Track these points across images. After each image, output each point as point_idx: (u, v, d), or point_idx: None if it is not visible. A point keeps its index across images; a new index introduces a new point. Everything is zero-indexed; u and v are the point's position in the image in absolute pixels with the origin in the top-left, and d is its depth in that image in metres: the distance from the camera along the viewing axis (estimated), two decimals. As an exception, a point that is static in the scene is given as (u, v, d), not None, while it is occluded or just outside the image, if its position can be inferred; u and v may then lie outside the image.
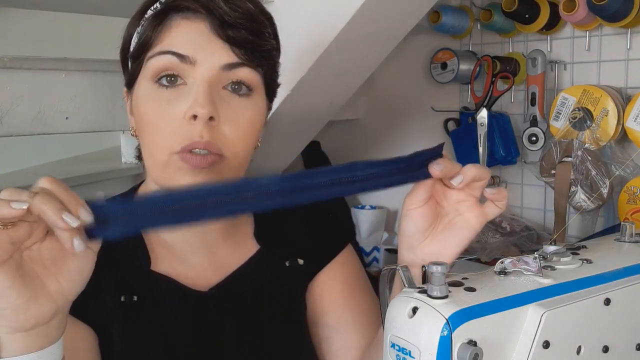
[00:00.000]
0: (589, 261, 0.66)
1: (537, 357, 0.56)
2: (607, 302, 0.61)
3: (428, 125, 1.57)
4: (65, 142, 1.57)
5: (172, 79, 0.71)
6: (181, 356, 0.75)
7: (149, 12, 0.74)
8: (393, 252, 1.59)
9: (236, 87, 0.72)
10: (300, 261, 0.86)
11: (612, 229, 1.17)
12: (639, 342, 0.66)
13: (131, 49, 0.76)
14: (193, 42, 0.71)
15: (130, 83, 0.77)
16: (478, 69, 1.39)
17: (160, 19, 0.72)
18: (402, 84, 1.62)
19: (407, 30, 1.12)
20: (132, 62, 0.76)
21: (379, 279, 0.66)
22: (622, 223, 0.77)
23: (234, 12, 0.71)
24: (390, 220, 1.68)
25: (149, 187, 0.80)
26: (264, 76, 0.75)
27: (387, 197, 1.69)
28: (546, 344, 0.57)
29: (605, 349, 0.62)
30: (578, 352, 0.60)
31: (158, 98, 0.71)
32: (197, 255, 0.80)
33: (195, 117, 0.68)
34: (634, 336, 0.65)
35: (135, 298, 0.74)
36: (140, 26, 0.75)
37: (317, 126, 1.31)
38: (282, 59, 0.84)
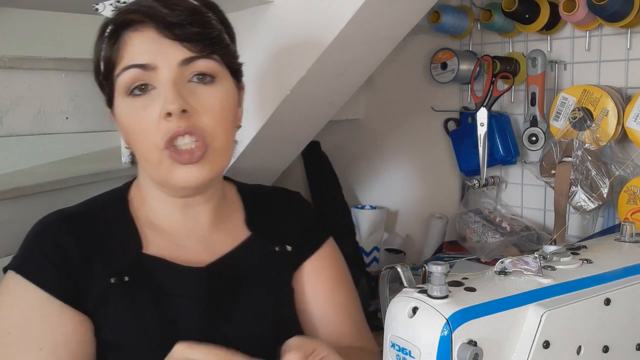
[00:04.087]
0: (589, 261, 0.66)
1: (537, 357, 0.56)
2: (607, 302, 0.61)
3: (428, 125, 1.57)
4: (65, 142, 1.56)
5: (143, 87, 0.77)
6: (176, 330, 0.78)
7: (105, 39, 0.79)
8: (393, 252, 1.59)
9: (200, 77, 0.78)
10: (289, 248, 0.92)
11: (612, 229, 1.17)
12: (639, 342, 0.66)
13: (101, 73, 0.81)
14: (148, 49, 0.76)
15: (110, 101, 0.82)
16: (478, 69, 1.39)
17: (116, 38, 0.78)
18: (402, 84, 1.62)
19: (407, 30, 1.12)
20: (105, 83, 0.81)
21: (379, 279, 0.66)
22: (622, 223, 0.77)
23: (173, 12, 0.76)
24: (390, 220, 1.68)
25: (143, 184, 0.85)
26: (223, 61, 0.80)
27: (387, 197, 1.69)
28: (546, 344, 0.57)
29: (605, 349, 0.62)
30: (578, 352, 0.60)
31: (134, 107, 0.77)
32: (190, 240, 0.85)
33: (169, 114, 0.74)
34: (634, 336, 0.65)
35: (126, 279, 0.78)
36: (103, 50, 0.80)
37: (317, 126, 1.31)
38: (281, 59, 0.84)
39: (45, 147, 1.49)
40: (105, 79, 0.80)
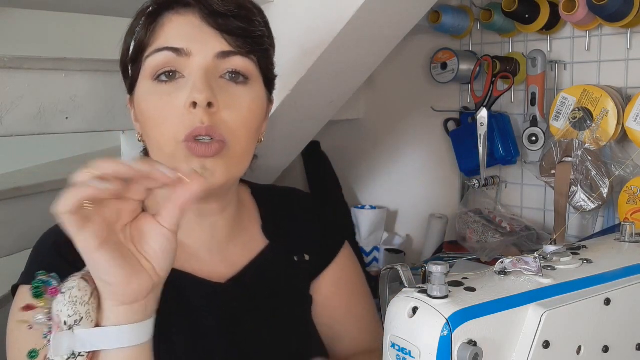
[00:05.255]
0: (589, 261, 0.66)
1: (537, 357, 0.56)
2: (607, 302, 0.61)
3: (428, 125, 1.57)
4: (65, 142, 1.56)
5: (171, 74, 0.73)
6: (204, 344, 0.77)
7: (142, 20, 0.76)
8: (393, 252, 1.59)
9: (233, 75, 0.74)
10: (307, 257, 0.89)
11: (612, 229, 1.17)
12: (639, 342, 0.66)
13: (129, 56, 0.78)
14: (186, 34, 0.73)
15: (131, 87, 0.78)
16: (478, 69, 1.39)
17: (153, 19, 0.75)
18: (402, 84, 1.62)
19: (407, 30, 1.12)
20: (131, 66, 0.78)
21: (378, 279, 0.66)
22: (622, 223, 0.77)
23: (222, 1, 0.73)
24: (390, 220, 1.68)
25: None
26: (259, 64, 0.77)
27: (387, 197, 1.69)
28: (546, 344, 0.57)
29: (605, 349, 0.62)
30: (578, 352, 0.60)
31: (159, 92, 0.73)
32: (208, 253, 0.82)
33: (194, 104, 0.70)
34: (634, 336, 0.65)
35: None
36: (136, 33, 0.77)
37: (317, 126, 1.31)
38: (282, 59, 0.84)
39: (45, 147, 1.49)
40: (132, 61, 0.77)
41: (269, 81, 0.81)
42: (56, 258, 0.73)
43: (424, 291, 0.56)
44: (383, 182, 1.70)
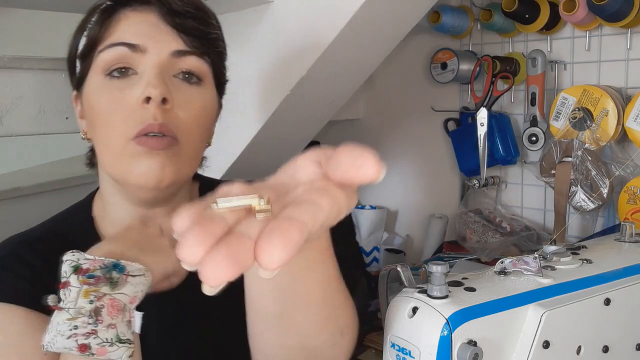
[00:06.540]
0: (589, 261, 0.66)
1: (537, 357, 0.56)
2: (607, 302, 0.61)
3: (428, 125, 1.57)
4: (65, 142, 1.56)
5: (124, 70, 0.71)
6: (148, 344, 0.73)
7: (96, 15, 0.75)
8: (393, 252, 1.59)
9: (187, 76, 0.73)
10: None
11: (612, 229, 1.17)
12: (639, 342, 0.66)
13: (79, 51, 0.76)
14: (142, 31, 0.72)
15: (79, 82, 0.76)
16: (478, 69, 1.39)
17: (108, 14, 0.73)
18: (402, 84, 1.62)
19: (407, 30, 1.12)
20: (80, 62, 0.76)
21: (378, 278, 0.66)
22: (622, 223, 0.77)
23: (180, 1, 0.73)
24: (390, 220, 1.68)
25: (104, 191, 0.79)
26: (212, 66, 0.77)
27: (387, 197, 1.69)
28: (546, 344, 0.57)
29: (605, 349, 0.62)
30: (578, 352, 0.60)
31: (110, 88, 0.71)
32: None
33: (148, 99, 0.69)
34: (634, 336, 0.65)
35: None
36: (88, 29, 0.75)
37: (317, 126, 1.31)
38: (281, 59, 0.84)
39: (45, 147, 1.49)
40: (82, 57, 0.75)
41: (220, 84, 0.80)
42: (1, 272, 0.71)
43: (424, 291, 0.56)
44: (383, 182, 1.69)
